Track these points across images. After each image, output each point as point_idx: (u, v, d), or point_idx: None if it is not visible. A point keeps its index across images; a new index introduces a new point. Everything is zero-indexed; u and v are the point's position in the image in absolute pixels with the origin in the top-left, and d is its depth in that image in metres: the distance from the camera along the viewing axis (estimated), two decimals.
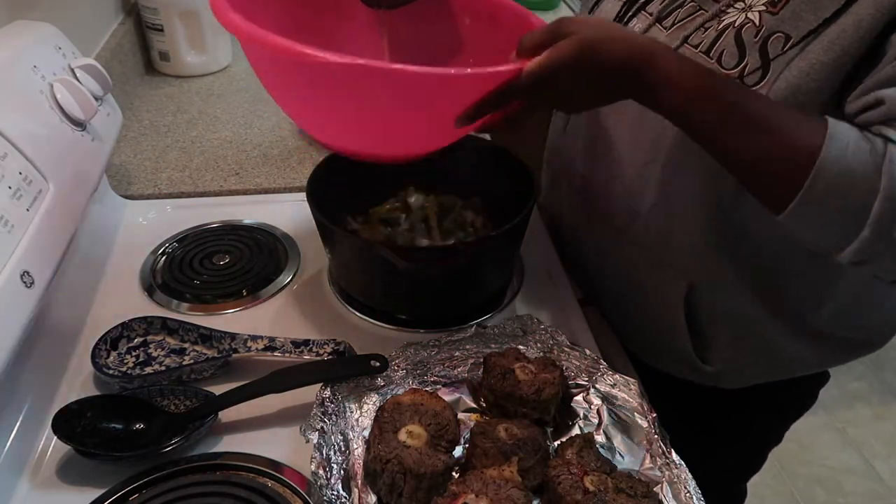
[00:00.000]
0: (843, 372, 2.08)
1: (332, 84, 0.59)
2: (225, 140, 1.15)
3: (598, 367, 0.71)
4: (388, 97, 0.59)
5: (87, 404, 0.65)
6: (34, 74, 0.74)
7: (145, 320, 0.76)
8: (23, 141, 0.67)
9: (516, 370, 0.66)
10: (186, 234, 0.93)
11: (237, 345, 0.73)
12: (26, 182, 0.66)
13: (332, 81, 0.58)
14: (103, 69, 0.85)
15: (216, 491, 0.60)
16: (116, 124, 0.91)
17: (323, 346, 0.72)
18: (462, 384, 0.71)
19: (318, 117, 0.68)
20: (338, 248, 0.81)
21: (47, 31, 0.83)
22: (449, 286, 0.79)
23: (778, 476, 1.80)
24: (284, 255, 0.90)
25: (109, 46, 1.21)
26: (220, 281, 0.86)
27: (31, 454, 0.64)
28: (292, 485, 0.61)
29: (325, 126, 0.70)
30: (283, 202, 1.00)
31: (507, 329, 0.76)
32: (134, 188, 1.02)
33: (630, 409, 0.67)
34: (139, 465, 0.62)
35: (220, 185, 1.03)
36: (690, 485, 0.59)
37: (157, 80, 1.37)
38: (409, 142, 0.69)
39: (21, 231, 0.63)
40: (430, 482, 0.57)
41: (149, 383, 0.69)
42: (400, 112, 0.61)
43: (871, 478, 1.81)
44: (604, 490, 0.56)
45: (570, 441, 0.63)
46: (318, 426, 0.61)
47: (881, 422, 1.97)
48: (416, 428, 0.61)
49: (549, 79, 0.56)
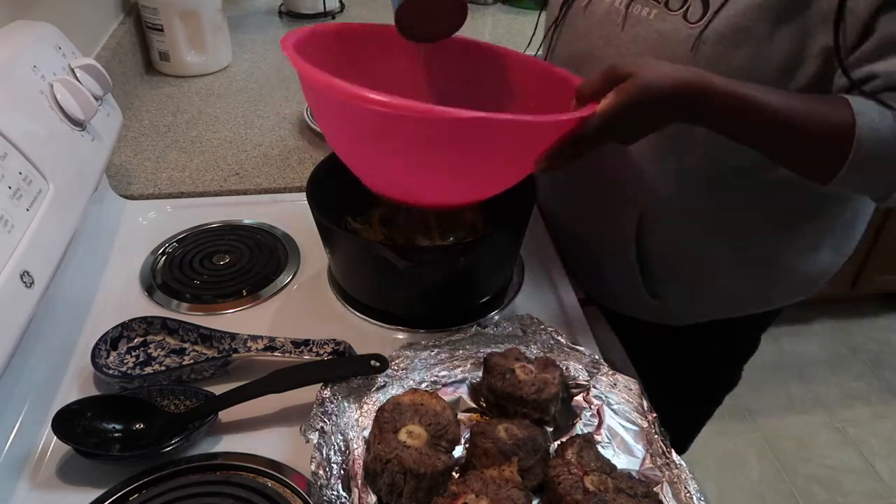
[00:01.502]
0: (843, 371, 2.08)
1: (445, 138, 0.60)
2: (225, 140, 1.15)
3: (598, 367, 0.71)
4: (491, 145, 0.62)
5: (87, 404, 0.65)
6: (34, 74, 0.74)
7: (145, 320, 0.76)
8: (23, 141, 0.67)
9: (516, 370, 0.66)
10: (186, 234, 0.93)
11: (237, 345, 0.73)
12: (26, 182, 0.66)
13: (449, 135, 0.60)
14: (103, 69, 0.85)
15: (216, 491, 0.60)
16: (116, 124, 0.91)
17: (323, 346, 0.72)
18: (462, 384, 0.71)
19: (399, 169, 0.68)
20: (338, 248, 0.81)
21: (47, 31, 0.82)
22: (449, 286, 0.79)
23: (778, 475, 1.80)
24: (284, 255, 0.90)
25: (109, 46, 1.21)
26: (220, 281, 0.86)
27: (31, 454, 0.64)
28: (292, 485, 0.61)
29: (402, 177, 0.70)
30: (283, 202, 1.00)
31: (507, 329, 0.76)
32: (134, 188, 1.02)
33: (630, 408, 0.67)
34: (139, 465, 0.62)
35: (220, 185, 1.03)
36: (691, 485, 0.59)
37: (157, 80, 1.37)
38: (478, 188, 0.71)
39: (21, 231, 0.63)
40: (430, 482, 0.57)
41: (149, 383, 0.69)
42: (487, 158, 0.64)
43: (870, 477, 1.81)
44: (604, 490, 0.56)
45: (570, 441, 0.63)
46: (318, 426, 0.61)
47: (881, 421, 1.97)
48: (416, 428, 0.61)
49: (619, 118, 0.61)
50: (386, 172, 0.70)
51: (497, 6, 1.88)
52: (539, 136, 0.64)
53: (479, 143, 0.61)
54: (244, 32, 1.63)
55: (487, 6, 1.88)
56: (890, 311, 2.28)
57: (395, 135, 0.61)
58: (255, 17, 1.75)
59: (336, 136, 0.70)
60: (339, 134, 0.69)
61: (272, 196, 1.02)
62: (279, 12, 1.76)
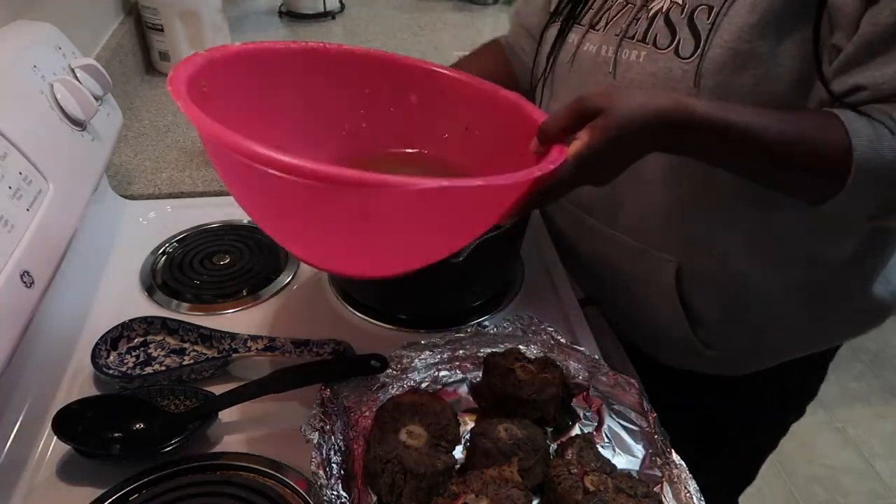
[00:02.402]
0: (843, 371, 2.08)
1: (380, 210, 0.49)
2: None
3: (598, 367, 0.71)
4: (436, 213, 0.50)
5: (87, 404, 0.65)
6: (34, 74, 0.74)
7: (145, 320, 0.76)
8: (23, 141, 0.67)
9: (516, 370, 0.66)
10: (186, 234, 0.93)
11: (237, 345, 0.73)
12: (26, 182, 0.66)
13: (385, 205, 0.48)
14: (103, 69, 0.85)
15: (216, 491, 0.60)
16: (116, 124, 0.91)
17: (323, 346, 0.72)
18: (462, 384, 0.71)
19: (321, 239, 0.56)
20: None
21: (47, 31, 0.82)
22: (449, 286, 0.79)
23: (778, 475, 1.80)
24: (284, 255, 0.90)
25: (109, 46, 1.21)
26: (220, 281, 0.86)
27: (31, 454, 0.64)
28: (292, 485, 0.61)
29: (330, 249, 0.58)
30: None
31: (507, 329, 0.76)
32: (134, 188, 1.02)
33: (630, 408, 0.67)
34: (139, 465, 0.62)
35: (220, 185, 1.03)
36: (690, 485, 0.59)
37: (157, 80, 1.37)
38: (435, 251, 0.57)
39: (21, 231, 0.63)
40: (430, 482, 0.57)
41: (149, 383, 0.69)
42: (429, 226, 0.52)
43: (870, 477, 1.81)
44: (604, 490, 0.56)
45: (570, 441, 0.63)
46: (318, 426, 0.61)
47: (881, 421, 1.97)
48: (416, 428, 0.61)
49: (594, 161, 0.55)
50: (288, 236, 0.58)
51: (497, 6, 1.88)
52: (500, 197, 0.52)
53: (418, 213, 0.49)
54: (244, 33, 1.63)
55: (487, 6, 1.88)
56: None
57: (306, 201, 0.49)
58: (256, 18, 1.75)
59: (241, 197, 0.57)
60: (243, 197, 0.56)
61: None
62: (279, 12, 1.76)
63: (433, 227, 0.52)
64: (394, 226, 0.51)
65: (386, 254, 0.56)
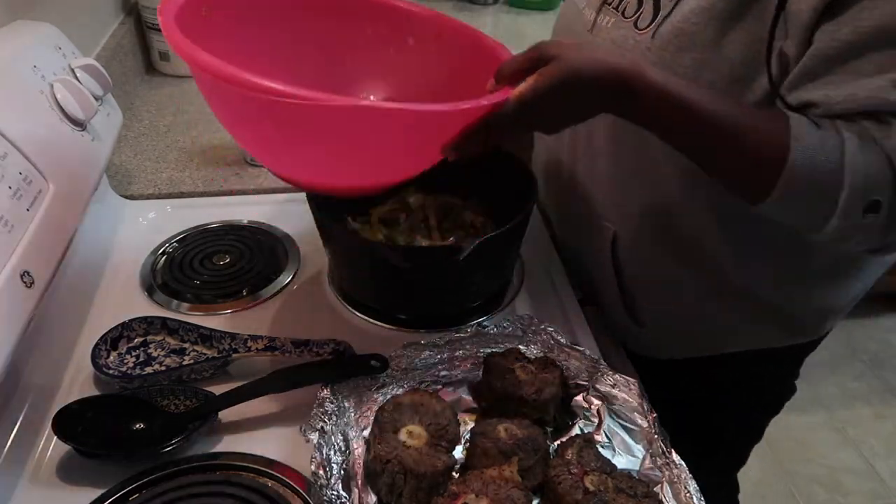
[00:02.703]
0: (843, 371, 2.08)
1: (326, 125, 0.56)
2: (225, 140, 1.15)
3: (598, 367, 0.71)
4: (379, 134, 0.57)
5: (87, 404, 0.65)
6: (34, 74, 0.74)
7: (145, 320, 0.76)
8: (23, 141, 0.67)
9: (516, 370, 0.66)
10: (186, 234, 0.93)
11: (237, 345, 0.73)
12: (26, 182, 0.66)
13: (328, 123, 0.55)
14: (103, 69, 0.85)
15: (216, 491, 0.60)
16: (116, 124, 0.91)
17: (323, 346, 0.72)
18: (462, 384, 0.71)
19: (295, 155, 0.64)
20: (338, 248, 0.81)
21: (47, 31, 0.83)
22: (449, 286, 0.79)
23: (778, 475, 1.80)
24: (284, 255, 0.90)
25: (109, 46, 1.21)
26: (220, 281, 0.86)
27: (31, 454, 0.64)
28: (292, 485, 0.61)
29: (303, 164, 0.65)
30: (283, 202, 1.00)
31: (507, 329, 0.76)
32: (134, 188, 1.02)
33: (630, 409, 0.67)
34: (139, 465, 0.62)
35: (220, 185, 1.03)
36: (690, 485, 0.59)
37: (157, 80, 1.37)
38: (387, 173, 0.66)
39: (21, 231, 0.63)
40: (430, 482, 0.57)
41: (149, 383, 0.69)
42: (384, 147, 0.59)
43: (870, 477, 1.81)
44: (604, 490, 0.56)
45: (570, 441, 0.63)
46: (318, 426, 0.61)
47: (881, 421, 1.97)
48: (416, 428, 0.61)
49: (537, 105, 0.56)
50: (267, 153, 0.67)
51: (498, 6, 1.88)
52: (444, 124, 0.58)
53: (368, 132, 0.56)
54: None
55: (488, 6, 1.88)
56: (890, 312, 2.28)
57: (279, 120, 0.56)
58: None
59: (222, 115, 0.67)
60: (223, 114, 0.67)
61: (272, 196, 1.02)
62: None
63: (377, 144, 0.58)
64: (345, 140, 0.57)
65: (342, 167, 0.63)
